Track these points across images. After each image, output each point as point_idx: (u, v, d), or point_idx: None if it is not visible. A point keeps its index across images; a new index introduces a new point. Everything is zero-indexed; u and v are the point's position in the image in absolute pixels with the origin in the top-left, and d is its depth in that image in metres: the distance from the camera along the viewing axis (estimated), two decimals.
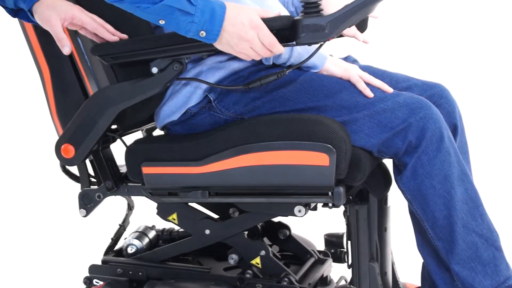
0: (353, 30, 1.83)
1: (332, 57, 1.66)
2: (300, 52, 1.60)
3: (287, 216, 1.65)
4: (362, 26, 1.92)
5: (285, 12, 1.73)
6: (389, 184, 1.77)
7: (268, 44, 1.42)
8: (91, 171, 1.79)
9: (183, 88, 1.65)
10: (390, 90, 1.59)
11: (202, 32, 1.39)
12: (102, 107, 1.63)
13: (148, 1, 1.36)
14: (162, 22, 1.38)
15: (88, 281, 1.85)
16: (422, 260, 1.71)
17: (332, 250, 1.98)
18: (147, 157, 1.64)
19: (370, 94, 1.56)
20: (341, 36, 1.85)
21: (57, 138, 1.71)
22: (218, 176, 1.57)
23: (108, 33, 1.58)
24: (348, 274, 1.83)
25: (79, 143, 1.65)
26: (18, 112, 4.13)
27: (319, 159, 1.49)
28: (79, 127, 1.66)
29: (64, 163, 1.71)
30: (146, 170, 1.63)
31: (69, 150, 1.67)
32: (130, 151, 1.67)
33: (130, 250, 1.89)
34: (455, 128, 1.74)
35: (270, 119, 1.56)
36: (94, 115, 1.64)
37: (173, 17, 1.37)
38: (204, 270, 1.81)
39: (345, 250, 1.95)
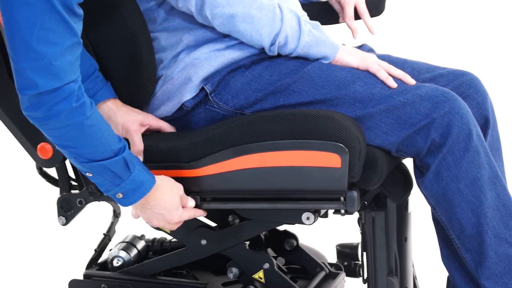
0: (354, 24, 1.84)
1: (346, 46, 1.66)
2: (307, 42, 1.60)
3: (294, 224, 1.66)
4: (378, 8, 1.94)
5: (299, 8, 1.75)
6: (409, 187, 1.77)
7: (177, 222, 1.62)
8: (71, 173, 1.78)
9: (175, 79, 1.65)
10: (412, 81, 1.58)
11: (119, 194, 1.53)
12: None
13: (87, 157, 1.48)
14: (89, 174, 1.51)
15: None
16: (447, 274, 1.71)
17: (345, 263, 1.98)
18: None
19: (393, 84, 1.56)
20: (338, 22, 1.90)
21: None
22: (215, 180, 1.58)
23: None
24: None
25: None
26: None
27: (329, 160, 1.49)
28: None
29: (41, 164, 1.72)
30: None
31: (47, 150, 1.66)
32: None
33: (116, 263, 1.88)
34: (486, 121, 1.72)
35: (273, 114, 1.56)
36: None
37: (103, 175, 1.50)
38: (200, 285, 1.80)
39: (360, 262, 1.94)
